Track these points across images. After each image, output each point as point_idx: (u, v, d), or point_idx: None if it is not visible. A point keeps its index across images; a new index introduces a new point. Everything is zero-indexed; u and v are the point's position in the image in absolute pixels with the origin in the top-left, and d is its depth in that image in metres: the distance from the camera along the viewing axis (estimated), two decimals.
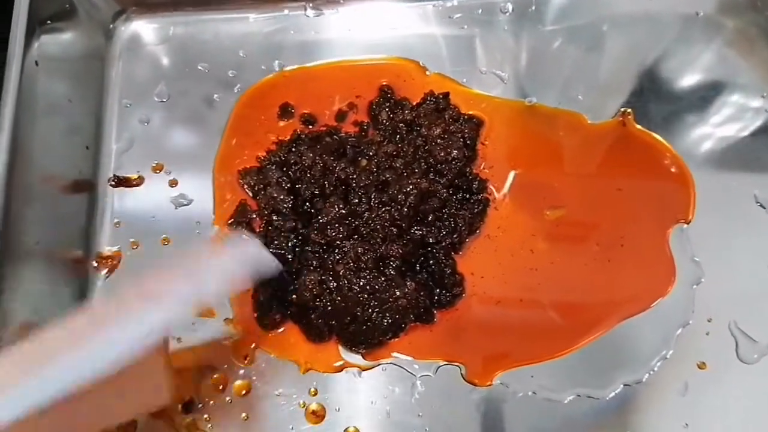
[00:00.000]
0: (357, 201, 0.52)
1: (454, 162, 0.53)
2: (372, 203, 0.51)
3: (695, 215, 0.53)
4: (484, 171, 0.55)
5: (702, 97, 0.58)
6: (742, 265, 0.52)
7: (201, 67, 0.60)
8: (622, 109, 0.57)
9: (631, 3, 0.62)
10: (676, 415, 0.48)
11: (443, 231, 0.51)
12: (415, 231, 0.51)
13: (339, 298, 0.49)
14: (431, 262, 0.51)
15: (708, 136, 0.57)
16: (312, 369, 0.49)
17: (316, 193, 0.53)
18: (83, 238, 0.54)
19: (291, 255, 0.51)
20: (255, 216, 0.54)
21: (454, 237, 0.52)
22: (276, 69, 0.60)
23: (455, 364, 0.49)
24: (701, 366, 0.49)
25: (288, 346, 0.50)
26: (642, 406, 0.48)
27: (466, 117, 0.57)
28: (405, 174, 0.53)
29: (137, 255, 0.53)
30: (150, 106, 0.59)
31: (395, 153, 0.54)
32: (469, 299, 0.51)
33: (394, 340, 0.50)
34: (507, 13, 0.62)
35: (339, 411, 0.48)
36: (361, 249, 0.50)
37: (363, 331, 0.49)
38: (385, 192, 0.52)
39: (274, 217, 0.52)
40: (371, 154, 0.54)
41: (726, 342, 0.49)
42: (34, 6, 0.52)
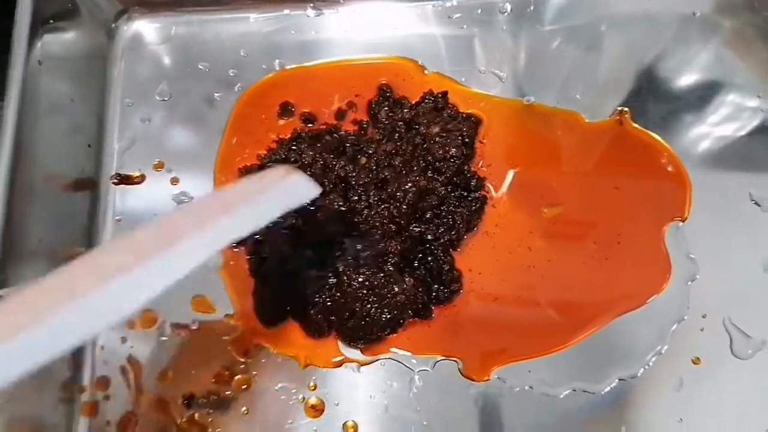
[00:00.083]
0: (356, 198, 0.52)
1: (452, 160, 0.54)
2: (371, 200, 0.52)
3: (691, 213, 0.54)
4: (482, 169, 0.56)
5: (699, 97, 0.59)
6: (736, 262, 0.52)
7: (202, 67, 0.61)
8: (619, 108, 0.58)
9: (629, 3, 0.63)
10: (670, 410, 0.48)
11: (441, 228, 0.52)
12: (414, 228, 0.52)
13: (338, 294, 0.50)
14: (429, 258, 0.51)
15: (704, 135, 0.57)
16: (311, 364, 0.50)
17: None
18: (85, 235, 0.54)
19: (290, 254, 0.51)
20: None
21: (452, 234, 0.52)
22: (276, 68, 0.60)
23: (453, 359, 0.50)
24: (696, 361, 0.49)
25: (288, 341, 0.50)
26: (637, 400, 0.48)
27: (464, 116, 0.57)
28: (404, 172, 0.53)
29: None
30: (152, 105, 0.59)
31: (394, 151, 0.54)
32: (467, 295, 0.51)
33: (392, 335, 0.50)
34: (506, 13, 0.62)
35: (338, 405, 0.49)
36: (361, 245, 0.50)
37: (362, 327, 0.49)
38: (384, 189, 0.52)
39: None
40: (370, 152, 0.54)
41: (720, 338, 0.50)
42: (36, 5, 0.53)
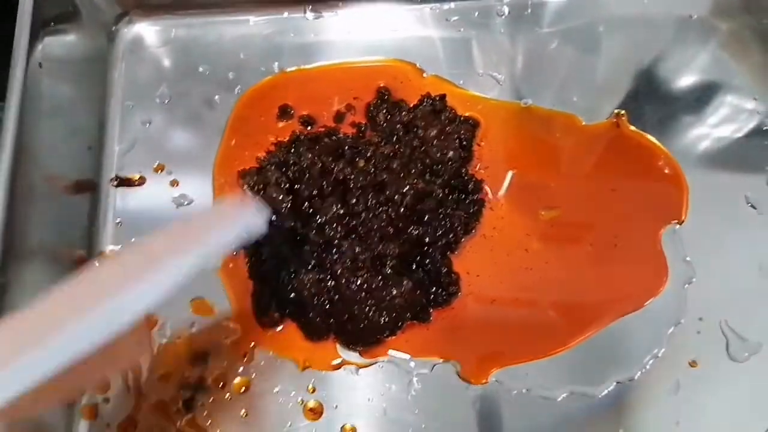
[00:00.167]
0: (355, 201, 0.52)
1: (450, 163, 0.54)
2: (369, 203, 0.52)
3: (688, 216, 0.54)
4: (479, 172, 0.56)
5: (696, 99, 0.59)
6: (733, 265, 0.52)
7: (202, 69, 0.61)
8: (616, 111, 0.58)
9: (626, 6, 0.63)
10: (667, 413, 0.48)
11: (439, 231, 0.52)
12: (412, 230, 0.52)
13: (337, 296, 0.50)
14: (427, 261, 0.51)
15: (701, 137, 0.58)
16: (310, 367, 0.50)
17: (314, 194, 0.53)
18: (86, 237, 0.54)
19: (289, 255, 0.51)
20: None
21: (450, 237, 0.52)
22: (275, 71, 0.61)
23: (451, 362, 0.50)
24: (692, 364, 0.49)
25: (286, 344, 0.50)
26: (634, 403, 0.48)
27: (462, 118, 0.57)
28: (402, 174, 0.53)
29: None
30: (152, 107, 0.59)
31: (392, 154, 0.54)
32: (465, 298, 0.51)
33: (391, 338, 0.50)
34: (503, 16, 0.62)
35: (336, 408, 0.49)
36: (359, 248, 0.50)
37: (360, 330, 0.49)
38: (383, 192, 0.52)
39: (273, 217, 0.53)
40: (369, 155, 0.55)
41: (717, 340, 0.50)
42: (37, 8, 0.53)
